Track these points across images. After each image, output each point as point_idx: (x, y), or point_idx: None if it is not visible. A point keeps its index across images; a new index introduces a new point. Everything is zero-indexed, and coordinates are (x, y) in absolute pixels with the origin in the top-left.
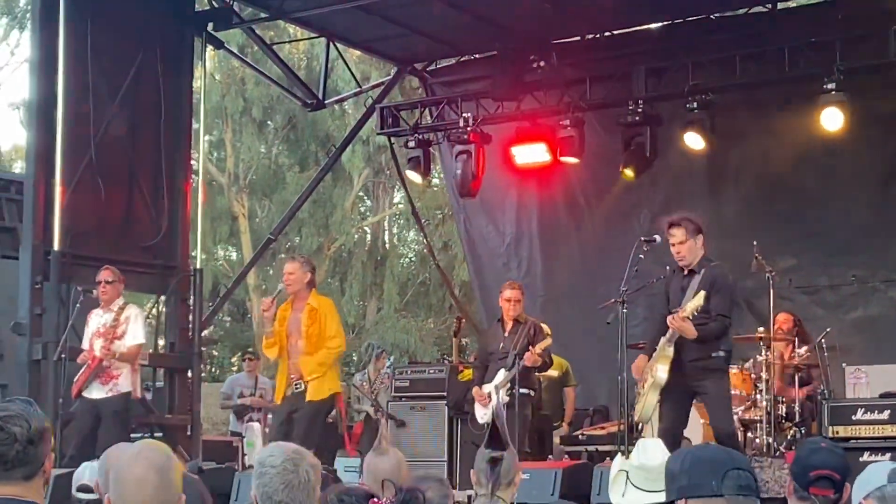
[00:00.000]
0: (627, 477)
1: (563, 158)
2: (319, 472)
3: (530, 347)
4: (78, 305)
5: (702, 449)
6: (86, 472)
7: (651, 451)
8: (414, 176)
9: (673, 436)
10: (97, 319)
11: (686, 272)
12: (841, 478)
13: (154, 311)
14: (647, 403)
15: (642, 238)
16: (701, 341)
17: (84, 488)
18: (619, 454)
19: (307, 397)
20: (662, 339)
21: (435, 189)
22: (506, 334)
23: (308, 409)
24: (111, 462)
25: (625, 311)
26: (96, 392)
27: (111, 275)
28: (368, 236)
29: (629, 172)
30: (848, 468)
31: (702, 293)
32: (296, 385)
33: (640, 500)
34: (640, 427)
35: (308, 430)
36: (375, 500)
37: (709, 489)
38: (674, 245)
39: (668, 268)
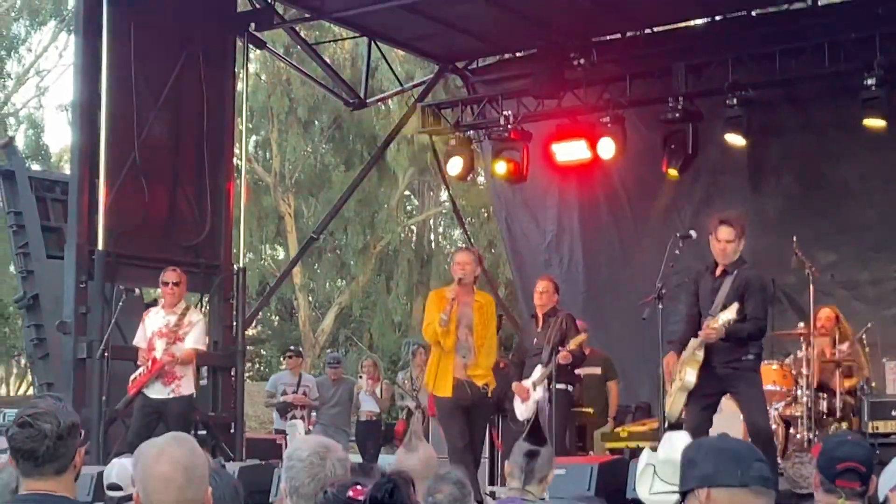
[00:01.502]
0: (654, 471)
1: (602, 152)
2: (348, 466)
3: (564, 341)
4: (121, 304)
5: (721, 440)
6: (114, 471)
7: (677, 445)
8: (456, 174)
9: (697, 437)
10: (158, 320)
11: (719, 273)
12: (867, 470)
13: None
14: (675, 406)
15: (678, 234)
16: (733, 342)
17: (113, 486)
18: (648, 449)
19: (490, 392)
20: (693, 342)
21: (480, 188)
22: (539, 329)
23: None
24: (138, 459)
25: (661, 306)
26: (158, 392)
27: (177, 276)
28: (414, 235)
29: (673, 172)
30: (874, 461)
31: (735, 306)
32: (483, 388)
33: (668, 494)
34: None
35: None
36: (357, 487)
37: (734, 478)
38: (720, 241)
39: (696, 270)
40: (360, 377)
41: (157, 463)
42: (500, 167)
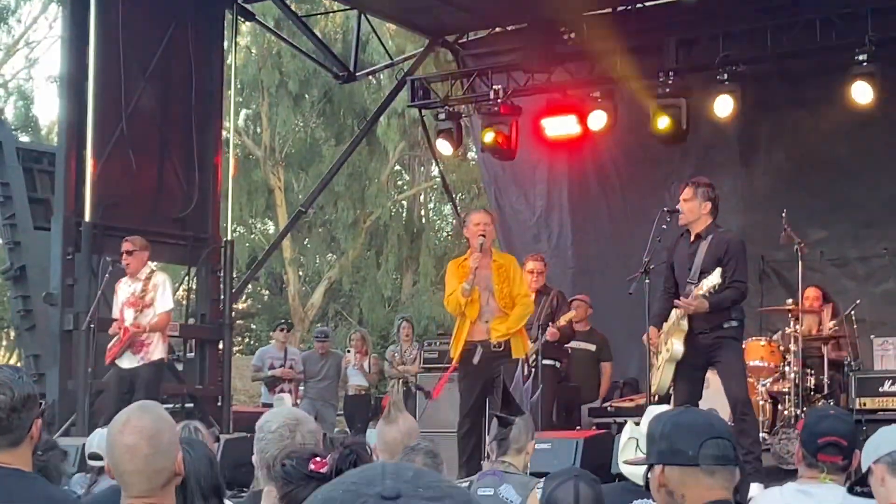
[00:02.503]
0: (637, 445)
1: (593, 125)
2: (319, 438)
3: (554, 319)
4: (107, 276)
5: (682, 414)
6: (95, 440)
7: None
8: (445, 148)
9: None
10: (126, 289)
11: (692, 238)
12: (849, 444)
13: (186, 282)
14: (664, 378)
15: (665, 209)
16: (715, 310)
17: (94, 456)
18: (631, 422)
19: (513, 355)
20: (675, 312)
21: (470, 163)
22: None
23: (512, 367)
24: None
25: (648, 281)
26: (128, 361)
27: (131, 245)
28: (404, 210)
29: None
30: (856, 435)
31: (717, 270)
32: (495, 346)
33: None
34: (660, 399)
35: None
36: (317, 459)
37: (684, 457)
38: (680, 201)
39: (670, 240)
40: (349, 351)
41: (122, 434)
42: (489, 136)
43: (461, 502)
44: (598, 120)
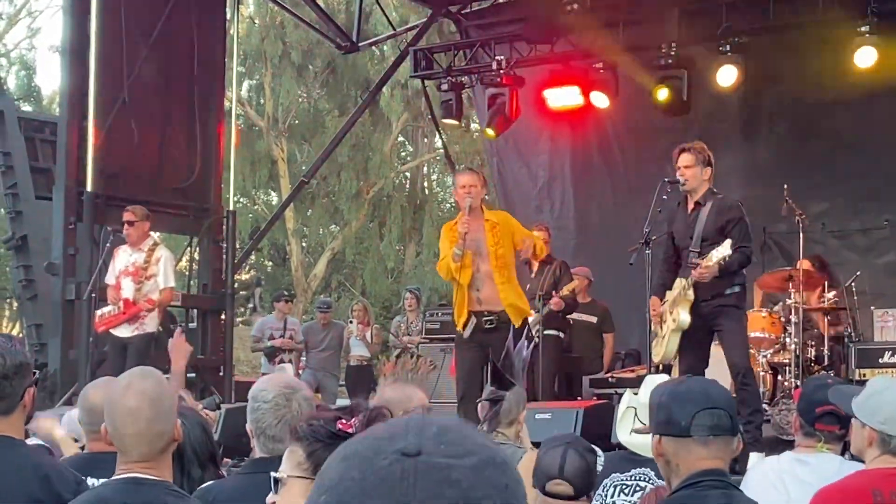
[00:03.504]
0: (636, 414)
1: (596, 101)
2: (314, 405)
3: (557, 288)
4: (108, 245)
5: (680, 384)
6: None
7: None
8: (447, 119)
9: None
10: (125, 257)
11: (692, 206)
12: (846, 413)
13: (188, 252)
14: (669, 347)
15: (666, 179)
16: (724, 275)
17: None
18: (629, 392)
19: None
20: (681, 282)
21: (474, 134)
22: (532, 276)
23: (504, 336)
24: (106, 395)
25: (648, 252)
26: (123, 331)
27: (132, 215)
28: (408, 181)
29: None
30: None
31: (727, 242)
32: (487, 320)
33: (648, 437)
34: (659, 368)
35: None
36: (343, 421)
37: (678, 428)
38: (679, 169)
39: (668, 209)
40: (351, 322)
41: (124, 396)
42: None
43: (485, 458)
44: (600, 94)
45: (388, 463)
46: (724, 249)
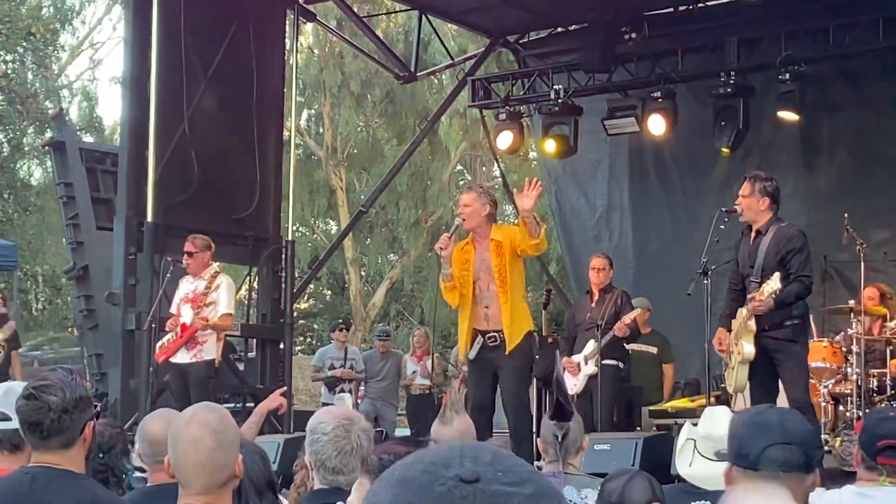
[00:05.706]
0: (695, 446)
1: (654, 130)
2: (372, 437)
3: (618, 317)
4: (168, 276)
5: (759, 414)
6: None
7: (718, 420)
8: (505, 148)
9: None
10: (187, 286)
11: (754, 235)
12: None
13: (248, 282)
14: (739, 379)
15: (723, 209)
16: (780, 307)
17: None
18: (689, 423)
19: (507, 348)
20: (742, 312)
21: (532, 163)
22: (593, 305)
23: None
24: (170, 426)
25: (707, 282)
26: (181, 356)
27: (192, 246)
28: None
29: (725, 149)
30: None
31: (777, 275)
32: (490, 339)
33: (707, 469)
34: (732, 399)
35: (520, 385)
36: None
37: (746, 461)
38: (738, 197)
39: (736, 239)
40: (411, 352)
41: (187, 427)
42: (549, 146)
43: (541, 487)
44: (658, 121)
45: (447, 489)
46: (773, 283)
